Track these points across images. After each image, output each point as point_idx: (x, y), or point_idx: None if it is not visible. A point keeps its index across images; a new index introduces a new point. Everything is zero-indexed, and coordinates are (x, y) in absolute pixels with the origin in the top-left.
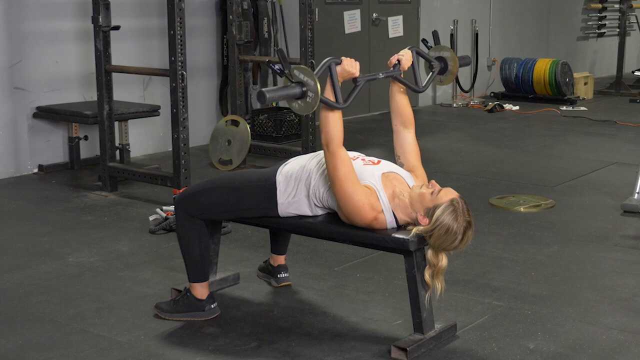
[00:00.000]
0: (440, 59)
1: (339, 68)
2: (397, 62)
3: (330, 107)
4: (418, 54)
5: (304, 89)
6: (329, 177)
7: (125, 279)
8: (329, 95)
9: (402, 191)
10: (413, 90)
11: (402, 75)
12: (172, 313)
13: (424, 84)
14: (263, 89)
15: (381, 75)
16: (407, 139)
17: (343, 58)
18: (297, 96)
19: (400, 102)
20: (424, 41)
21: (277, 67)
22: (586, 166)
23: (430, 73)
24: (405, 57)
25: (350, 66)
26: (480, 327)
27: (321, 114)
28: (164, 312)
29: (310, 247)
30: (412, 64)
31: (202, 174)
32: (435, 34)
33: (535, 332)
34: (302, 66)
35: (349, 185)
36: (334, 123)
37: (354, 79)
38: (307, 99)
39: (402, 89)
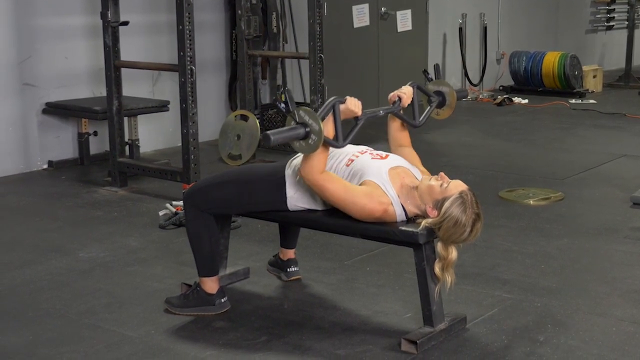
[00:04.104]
0: (439, 94)
1: (342, 107)
2: (397, 99)
3: (331, 146)
4: (419, 89)
5: (307, 129)
6: (324, 198)
7: (135, 274)
8: (329, 130)
9: (411, 183)
10: (410, 125)
11: (401, 112)
12: (182, 308)
13: (421, 118)
14: (268, 132)
15: (381, 113)
16: (406, 153)
17: (347, 98)
18: (300, 137)
19: (399, 136)
20: (425, 72)
21: (282, 106)
22: (595, 159)
23: (429, 107)
24: (407, 94)
25: (353, 106)
26: (490, 320)
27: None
28: (174, 306)
29: (320, 241)
30: (412, 100)
31: (212, 169)
32: (436, 68)
33: (545, 325)
34: (308, 109)
35: (343, 194)
36: (320, 159)
37: (355, 117)
38: (310, 141)
39: (401, 126)
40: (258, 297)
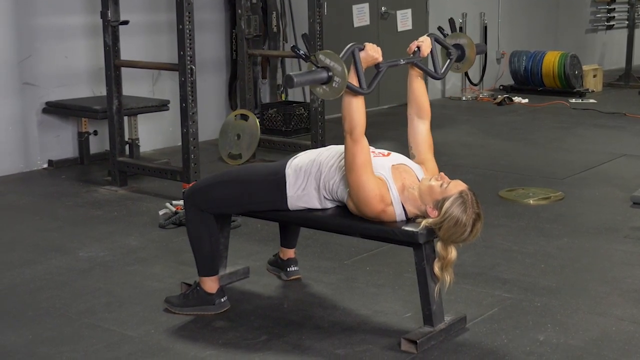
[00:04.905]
0: (458, 47)
1: (362, 54)
2: (416, 49)
3: (355, 92)
4: (437, 41)
5: (330, 73)
6: (346, 164)
7: (135, 273)
8: (353, 81)
9: (412, 184)
10: (432, 77)
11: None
12: (182, 307)
13: (442, 70)
14: (291, 73)
15: (402, 61)
16: (421, 130)
17: (366, 44)
18: (323, 81)
19: (417, 88)
20: (440, 29)
21: (302, 52)
22: (595, 158)
23: (448, 60)
24: (425, 43)
25: (374, 51)
26: (490, 320)
27: (344, 101)
28: (174, 306)
29: (320, 240)
30: (431, 51)
31: (212, 168)
32: (451, 22)
33: (545, 324)
34: (328, 51)
35: (364, 175)
36: (357, 110)
37: (377, 65)
38: (334, 84)
39: (419, 74)
40: (258, 297)
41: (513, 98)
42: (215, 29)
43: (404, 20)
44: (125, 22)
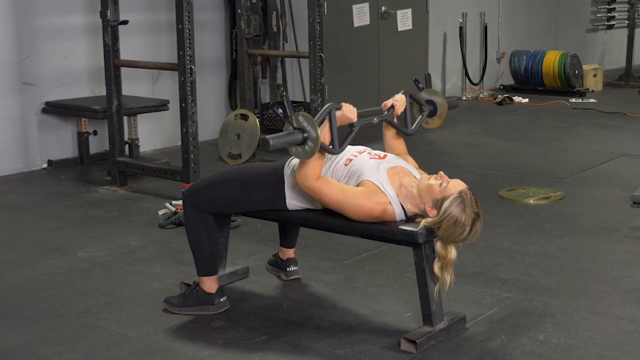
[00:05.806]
0: (431, 103)
1: (338, 113)
2: (391, 106)
3: (327, 152)
4: (412, 97)
5: (305, 135)
6: (318, 201)
7: (134, 273)
8: (325, 136)
9: (410, 182)
10: (403, 133)
11: (395, 119)
12: (181, 307)
13: (413, 127)
14: (267, 137)
15: (375, 120)
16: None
17: (343, 104)
18: (298, 143)
19: (395, 144)
20: (416, 82)
21: (280, 111)
22: (595, 158)
23: (420, 116)
24: (400, 102)
25: (349, 112)
26: (490, 319)
27: None
28: (173, 306)
29: (319, 240)
30: (405, 109)
31: (211, 168)
32: (427, 77)
33: (544, 324)
34: (306, 114)
35: (341, 197)
36: (314, 164)
37: (350, 124)
38: (306, 147)
39: (396, 134)
40: (257, 297)
41: (513, 98)
42: (215, 29)
43: (404, 20)
44: (125, 22)
